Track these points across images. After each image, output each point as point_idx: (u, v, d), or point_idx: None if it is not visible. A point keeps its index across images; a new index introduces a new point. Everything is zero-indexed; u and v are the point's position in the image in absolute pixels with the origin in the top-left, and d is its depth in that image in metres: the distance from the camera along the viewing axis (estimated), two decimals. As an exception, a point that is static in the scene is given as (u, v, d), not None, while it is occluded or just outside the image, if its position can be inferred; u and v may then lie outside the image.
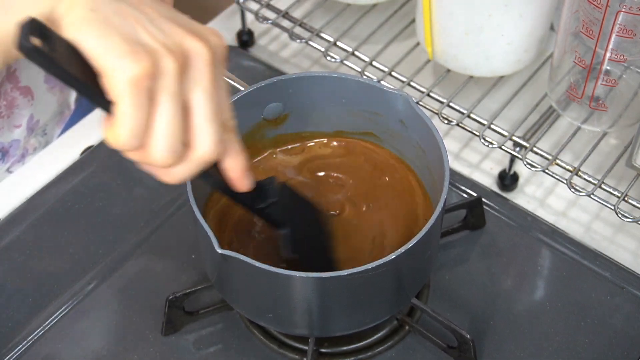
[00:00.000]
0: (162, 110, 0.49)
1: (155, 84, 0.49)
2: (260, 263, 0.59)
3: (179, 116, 0.50)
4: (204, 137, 0.52)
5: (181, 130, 0.51)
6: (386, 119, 0.72)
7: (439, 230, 0.69)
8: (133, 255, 0.80)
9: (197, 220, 0.61)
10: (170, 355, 0.74)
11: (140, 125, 0.49)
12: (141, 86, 0.48)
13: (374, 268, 0.59)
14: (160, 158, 0.51)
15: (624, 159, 0.79)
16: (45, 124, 0.95)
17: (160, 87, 0.49)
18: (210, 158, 0.53)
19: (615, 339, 0.75)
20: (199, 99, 0.51)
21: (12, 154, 0.91)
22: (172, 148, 0.50)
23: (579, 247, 0.81)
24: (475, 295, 0.77)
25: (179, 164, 0.52)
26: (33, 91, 0.90)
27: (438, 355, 0.73)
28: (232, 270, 0.64)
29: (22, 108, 0.90)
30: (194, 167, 0.53)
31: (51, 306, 0.76)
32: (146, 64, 0.48)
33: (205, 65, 0.51)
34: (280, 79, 0.71)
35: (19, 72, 0.87)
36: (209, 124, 0.52)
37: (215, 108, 0.52)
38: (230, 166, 0.56)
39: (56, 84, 0.94)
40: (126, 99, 0.48)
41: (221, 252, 0.59)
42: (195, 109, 0.51)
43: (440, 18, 0.84)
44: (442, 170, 0.65)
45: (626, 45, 0.75)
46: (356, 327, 0.69)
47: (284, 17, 0.94)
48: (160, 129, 0.50)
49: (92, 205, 0.84)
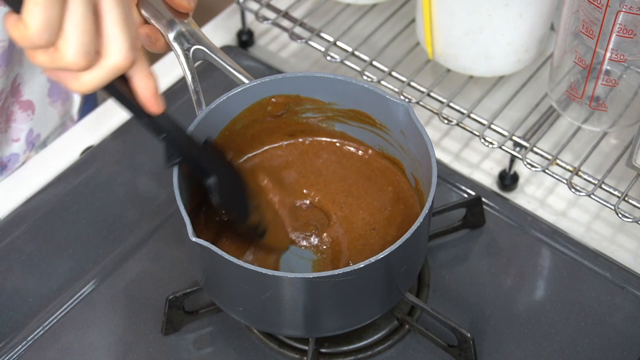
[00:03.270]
0: (72, 8, 0.49)
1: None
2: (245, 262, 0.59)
3: (89, 17, 0.50)
4: (115, 43, 0.51)
5: (92, 31, 0.50)
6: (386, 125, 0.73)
7: (427, 232, 0.69)
8: (133, 255, 0.80)
9: (178, 207, 0.61)
10: (170, 355, 0.74)
11: (51, 17, 0.48)
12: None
13: (361, 269, 0.60)
14: (71, 58, 0.50)
15: (624, 159, 0.79)
16: (47, 137, 0.94)
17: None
18: (122, 65, 0.52)
19: (615, 339, 0.75)
20: (108, 3, 0.51)
21: (11, 167, 0.91)
22: (84, 48, 0.50)
23: (579, 247, 0.81)
24: (475, 294, 0.77)
25: (90, 70, 0.52)
26: (34, 105, 0.90)
27: (438, 354, 0.73)
28: (215, 268, 0.64)
29: (20, 122, 0.89)
30: (105, 75, 0.52)
31: (51, 306, 0.76)
32: None
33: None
34: (286, 77, 0.71)
35: (22, 85, 0.87)
36: (120, 29, 0.51)
37: (126, 14, 0.52)
38: (141, 86, 0.56)
39: (59, 97, 0.93)
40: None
41: (194, 240, 0.59)
42: (105, 15, 0.51)
43: (440, 18, 0.84)
44: (430, 177, 0.65)
45: (626, 45, 0.75)
46: (350, 325, 0.69)
47: (284, 17, 0.94)
48: (71, 27, 0.49)
49: (92, 205, 0.84)
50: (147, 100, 0.57)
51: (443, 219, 0.80)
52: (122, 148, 0.88)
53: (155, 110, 0.57)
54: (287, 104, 0.73)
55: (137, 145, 0.88)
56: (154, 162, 0.87)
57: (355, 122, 0.74)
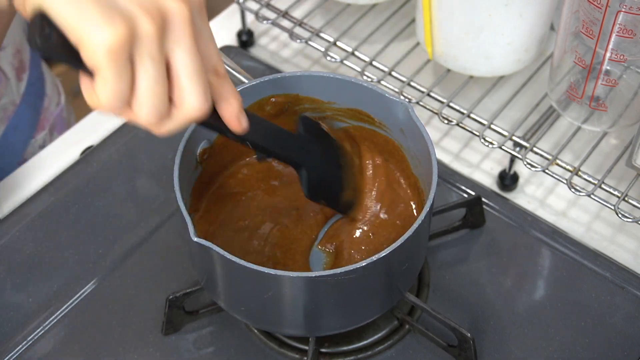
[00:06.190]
0: (143, 72, 0.49)
1: (134, 48, 0.48)
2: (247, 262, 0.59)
3: (161, 77, 0.50)
4: (189, 96, 0.51)
5: (164, 90, 0.50)
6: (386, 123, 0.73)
7: (427, 231, 0.69)
8: (133, 256, 0.80)
9: (178, 207, 0.61)
10: (170, 355, 0.74)
11: (122, 89, 0.48)
12: (119, 53, 0.47)
13: (361, 268, 0.60)
14: (145, 119, 0.50)
15: (624, 159, 0.79)
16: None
17: (140, 51, 0.48)
18: (197, 116, 0.52)
19: (615, 339, 0.75)
20: (181, 58, 0.50)
21: None
22: (156, 109, 0.50)
23: (579, 247, 0.81)
24: (475, 294, 0.77)
25: (166, 120, 0.52)
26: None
27: (438, 354, 0.73)
28: (216, 267, 0.64)
29: None
30: (182, 123, 0.52)
31: (51, 306, 0.76)
32: (122, 30, 0.47)
33: (184, 22, 0.50)
34: (285, 76, 0.71)
35: None
36: (194, 82, 0.51)
37: (199, 65, 0.51)
38: (224, 111, 0.56)
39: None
40: (105, 68, 0.47)
41: (196, 240, 0.59)
42: (178, 69, 0.51)
43: (440, 18, 0.84)
44: (430, 177, 0.65)
45: (626, 45, 0.75)
46: (351, 324, 0.69)
47: (284, 17, 0.94)
48: (143, 91, 0.49)
49: (92, 205, 0.84)
50: (231, 122, 0.57)
51: (443, 219, 0.80)
52: (122, 148, 0.88)
53: (238, 130, 0.57)
54: (286, 104, 0.73)
55: (137, 145, 0.88)
56: (154, 162, 0.87)
57: (355, 121, 0.74)
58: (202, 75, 0.52)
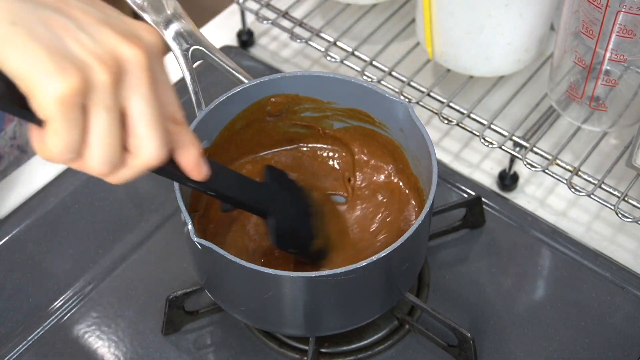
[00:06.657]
0: (96, 122, 0.47)
1: (87, 98, 0.46)
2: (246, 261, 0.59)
3: (115, 127, 0.48)
4: (146, 144, 0.49)
5: (118, 141, 0.48)
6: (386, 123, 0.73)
7: (427, 231, 0.69)
8: (133, 255, 0.80)
9: (179, 207, 0.61)
10: (170, 355, 0.74)
11: (74, 141, 0.46)
12: (71, 104, 0.45)
13: (361, 268, 0.60)
14: (97, 169, 0.48)
15: (624, 159, 0.79)
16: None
17: (94, 101, 0.46)
18: (153, 164, 0.50)
19: (615, 339, 0.75)
20: (137, 106, 0.48)
21: None
22: (109, 159, 0.48)
23: (579, 247, 0.81)
24: (475, 294, 0.77)
25: (120, 169, 0.50)
26: None
27: (438, 354, 0.73)
28: (217, 268, 0.64)
29: None
30: (137, 172, 0.51)
31: (51, 306, 0.76)
32: (75, 79, 0.44)
33: (141, 70, 0.48)
34: (284, 76, 0.71)
35: None
36: (150, 130, 0.49)
37: (156, 112, 0.49)
38: (182, 158, 0.54)
39: None
40: (56, 119, 0.45)
41: (196, 240, 0.59)
42: (134, 117, 0.48)
43: (440, 18, 0.84)
44: (430, 177, 0.65)
45: (626, 45, 0.75)
46: (351, 324, 0.69)
47: (284, 17, 0.94)
48: (96, 142, 0.47)
49: (92, 205, 0.84)
50: (190, 169, 0.55)
51: (443, 219, 0.80)
52: (122, 148, 0.88)
53: (198, 177, 0.55)
54: (286, 104, 0.73)
55: (137, 145, 0.88)
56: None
57: (355, 121, 0.74)
58: (159, 123, 0.49)
